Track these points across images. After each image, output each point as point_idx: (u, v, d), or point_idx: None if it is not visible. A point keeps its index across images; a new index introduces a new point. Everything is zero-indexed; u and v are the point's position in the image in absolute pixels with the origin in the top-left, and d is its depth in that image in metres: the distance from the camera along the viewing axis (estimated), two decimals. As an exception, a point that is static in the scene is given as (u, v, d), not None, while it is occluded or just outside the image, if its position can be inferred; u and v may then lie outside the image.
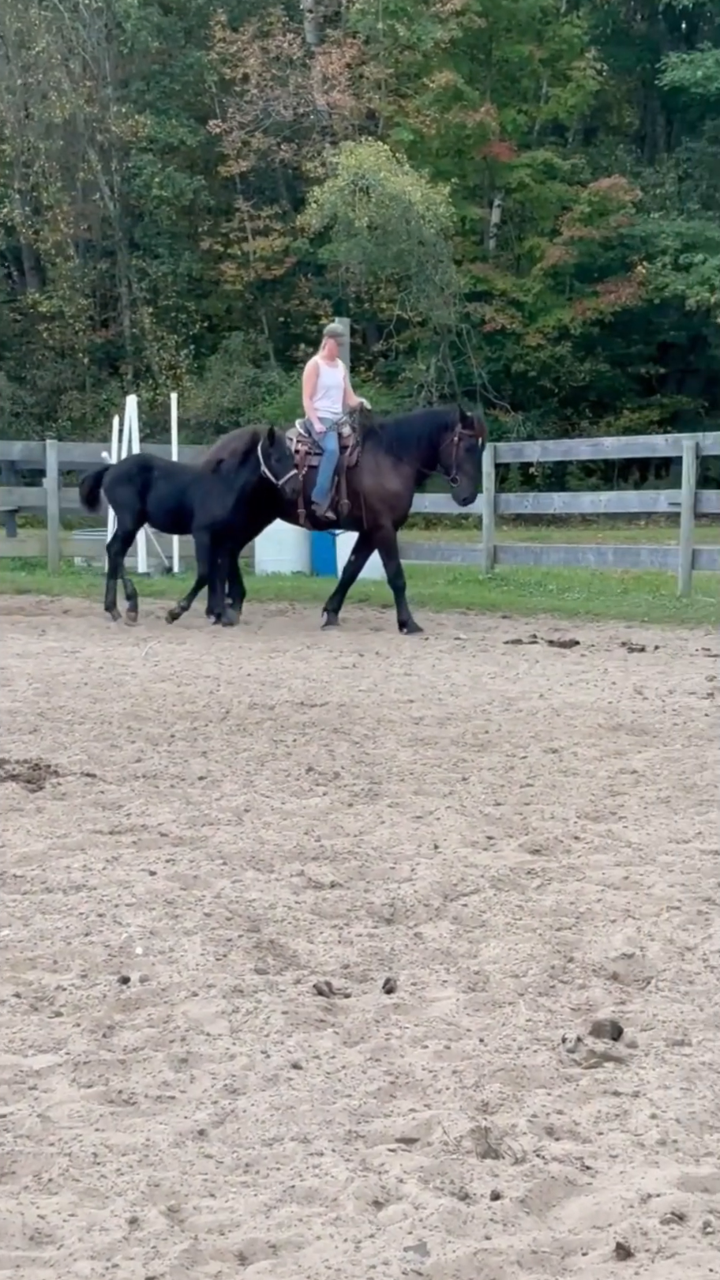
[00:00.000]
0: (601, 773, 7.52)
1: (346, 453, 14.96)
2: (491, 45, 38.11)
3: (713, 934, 4.78)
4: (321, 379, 15.43)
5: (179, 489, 14.82)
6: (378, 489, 14.84)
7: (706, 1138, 3.30)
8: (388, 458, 14.84)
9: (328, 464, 14.89)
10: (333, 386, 15.45)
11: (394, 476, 14.81)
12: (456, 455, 14.56)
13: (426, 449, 14.73)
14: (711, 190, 38.67)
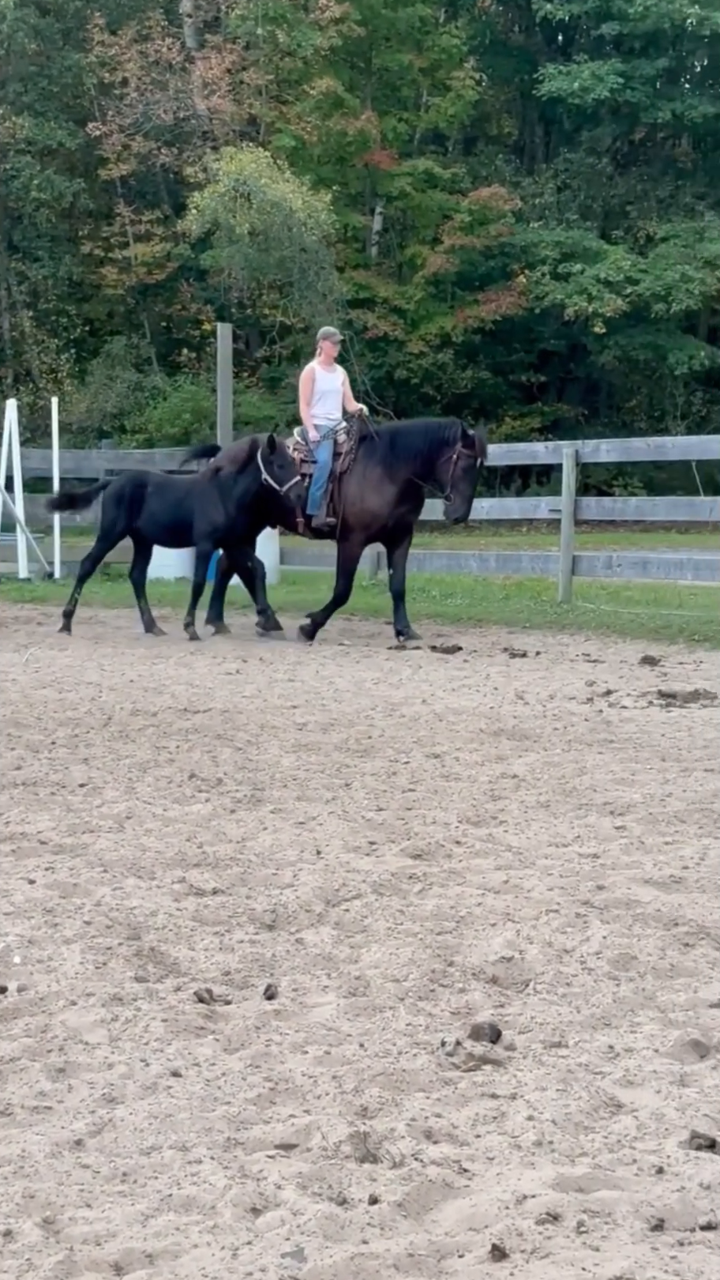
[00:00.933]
0: (483, 777, 7.56)
1: (340, 460, 14.61)
2: (371, 53, 38.26)
3: (590, 937, 4.83)
4: (318, 384, 15.06)
5: (174, 503, 14.56)
6: (356, 501, 14.52)
7: (582, 1138, 3.33)
8: (376, 469, 14.45)
9: (319, 474, 14.56)
10: (330, 391, 15.08)
11: (375, 494, 14.44)
12: (453, 474, 14.11)
13: (421, 463, 14.27)
14: (589, 201, 39.10)
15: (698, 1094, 3.57)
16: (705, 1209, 2.94)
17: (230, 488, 14.31)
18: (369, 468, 14.42)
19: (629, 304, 35.45)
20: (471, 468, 14.15)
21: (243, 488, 14.27)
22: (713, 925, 4.96)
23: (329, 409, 15.00)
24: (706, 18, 34.44)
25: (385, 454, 14.36)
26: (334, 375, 15.17)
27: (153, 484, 14.90)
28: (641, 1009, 4.23)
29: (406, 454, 14.26)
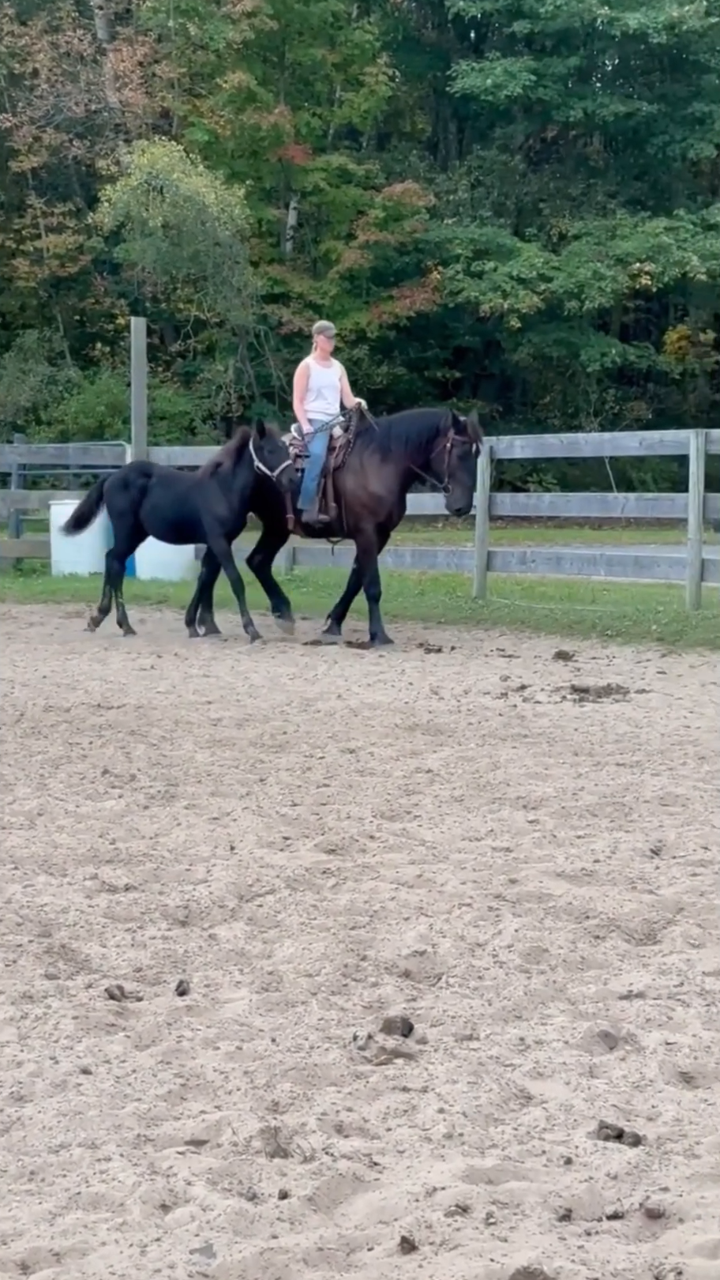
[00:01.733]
0: (397, 772, 7.58)
1: (333, 455, 14.24)
2: (284, 48, 38.19)
3: (502, 930, 4.85)
4: (313, 379, 14.71)
5: (176, 497, 14.29)
6: (358, 491, 14.12)
7: (491, 1130, 3.35)
8: (374, 458, 14.06)
9: (312, 468, 14.17)
10: (326, 386, 14.70)
11: (376, 479, 14.04)
12: (449, 463, 13.63)
13: (416, 452, 13.88)
14: (502, 198, 39.25)
15: (606, 1085, 3.60)
16: (612, 1199, 2.97)
17: (231, 482, 14.05)
18: (366, 457, 14.07)
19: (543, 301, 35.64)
20: (468, 455, 13.72)
21: (242, 480, 13.99)
22: (623, 918, 5.00)
23: (326, 404, 14.65)
24: (616, 18, 34.67)
25: (382, 443, 14.02)
26: (330, 370, 14.82)
27: (157, 475, 14.64)
28: (552, 1001, 4.25)
29: (401, 443, 13.93)
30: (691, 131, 36.78)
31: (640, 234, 35.67)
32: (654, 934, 4.92)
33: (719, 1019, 4.08)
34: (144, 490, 14.33)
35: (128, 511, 14.43)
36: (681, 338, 41.84)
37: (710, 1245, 2.71)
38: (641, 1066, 3.71)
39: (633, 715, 9.62)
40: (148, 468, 15.09)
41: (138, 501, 14.34)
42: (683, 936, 4.83)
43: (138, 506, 14.35)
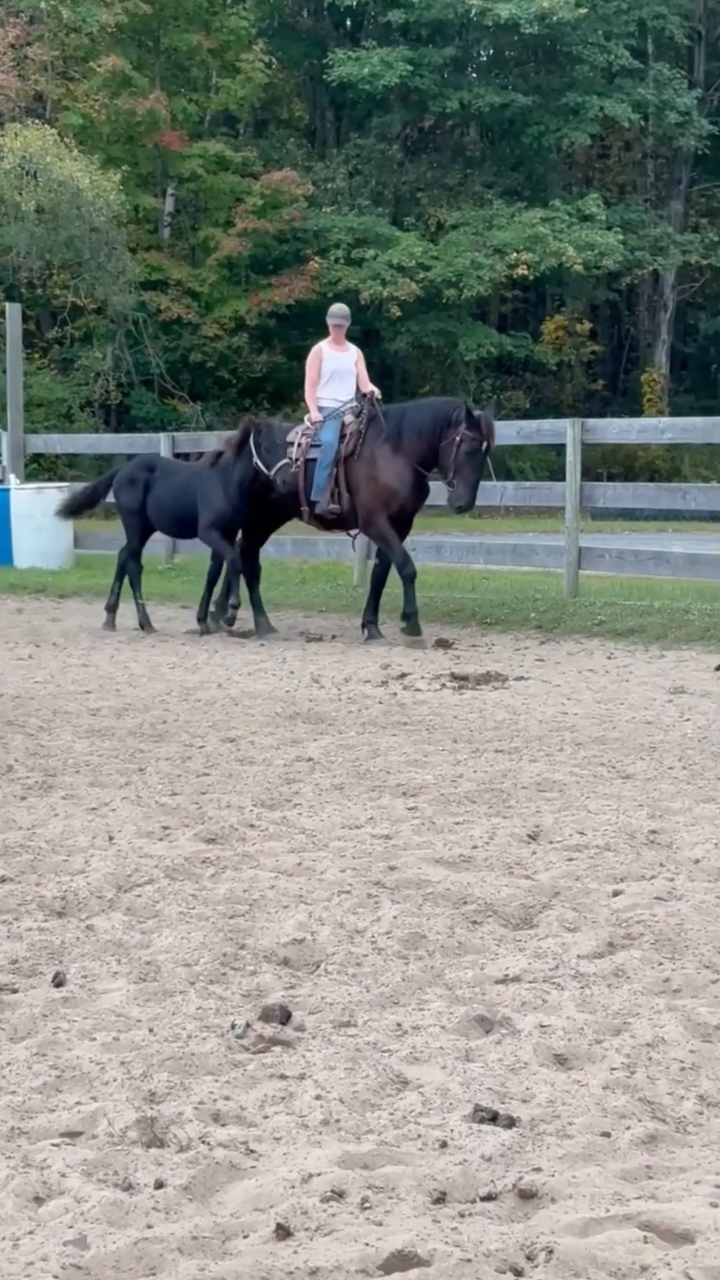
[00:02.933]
0: (278, 761, 7.59)
1: (344, 443, 13.54)
2: (159, 32, 37.89)
3: (381, 917, 4.88)
4: (326, 364, 14.01)
5: (176, 489, 13.88)
6: (369, 482, 13.44)
7: (368, 1115, 3.37)
8: (384, 447, 13.37)
9: (324, 456, 13.52)
10: (341, 371, 13.99)
11: (388, 468, 13.34)
12: (456, 458, 12.95)
13: (424, 445, 13.20)
14: (380, 187, 39.32)
15: (482, 1069, 3.64)
16: (486, 1180, 3.00)
17: (229, 474, 13.60)
18: (378, 447, 13.40)
19: (422, 289, 35.77)
20: (476, 452, 13.02)
21: (240, 473, 13.53)
22: (500, 903, 5.05)
23: (338, 390, 13.95)
24: (488, 8, 34.83)
25: (393, 433, 13.37)
26: (345, 355, 14.17)
27: (160, 469, 14.30)
28: (430, 987, 4.28)
29: (410, 434, 13.29)
30: (566, 122, 37.08)
31: (517, 224, 35.91)
32: (530, 918, 4.97)
33: (593, 1001, 4.14)
34: (149, 485, 14.01)
35: (136, 509, 14.07)
36: (558, 328, 42.21)
37: (581, 1223, 2.75)
38: (517, 1049, 3.75)
39: (511, 702, 9.71)
40: (153, 462, 14.62)
41: (144, 497, 14.00)
42: (558, 920, 4.89)
43: (144, 502, 14.01)
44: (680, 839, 5.94)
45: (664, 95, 37.41)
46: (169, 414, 35.76)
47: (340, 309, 14.61)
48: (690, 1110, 3.39)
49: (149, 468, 14.32)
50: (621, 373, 44.87)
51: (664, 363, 41.29)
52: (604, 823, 6.20)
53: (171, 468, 14.48)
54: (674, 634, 12.91)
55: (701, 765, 7.49)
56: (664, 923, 4.80)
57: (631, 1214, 2.78)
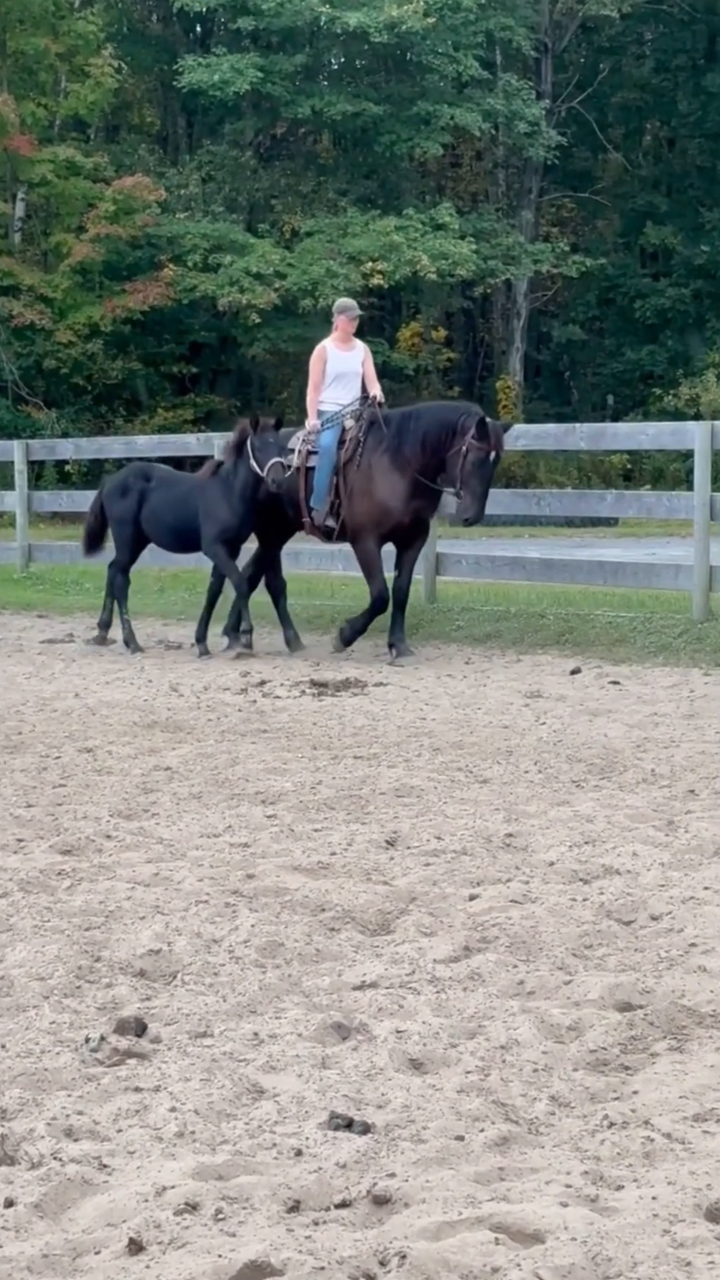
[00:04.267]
0: (135, 770, 7.54)
1: (344, 449, 12.62)
2: (5, 35, 37.44)
3: (239, 925, 4.87)
4: (330, 365, 12.92)
5: (176, 501, 13.01)
6: (362, 496, 12.48)
7: (223, 1126, 3.36)
8: (383, 458, 12.40)
9: (322, 464, 12.59)
10: (346, 373, 12.93)
11: (383, 483, 12.37)
12: (462, 468, 11.99)
13: (428, 454, 12.24)
14: (234, 194, 39.21)
15: (338, 1075, 3.64)
16: (340, 1187, 3.00)
17: (231, 482, 12.70)
18: (376, 457, 12.44)
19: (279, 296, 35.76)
20: (484, 462, 12.05)
21: (242, 480, 12.62)
22: (358, 909, 5.07)
23: (341, 393, 12.92)
24: (337, 16, 34.89)
25: (393, 442, 12.41)
26: (352, 354, 13.10)
27: (157, 478, 13.39)
28: (287, 995, 4.28)
29: (414, 444, 12.30)
30: (418, 131, 37.27)
31: (371, 232, 36.03)
32: (387, 924, 4.99)
33: (448, 1005, 4.16)
34: (143, 495, 13.19)
35: (127, 519, 13.27)
36: (414, 335, 42.44)
37: (434, 1227, 2.77)
38: (373, 1055, 3.76)
39: (370, 708, 9.75)
40: (148, 470, 13.71)
41: (137, 507, 13.20)
42: (415, 926, 4.92)
43: (138, 513, 13.20)
44: (535, 842, 6.00)
45: (513, 106, 37.76)
46: (23, 421, 35.34)
47: (350, 303, 13.59)
48: (542, 1111, 3.43)
49: (144, 477, 13.45)
50: (477, 380, 45.23)
51: (518, 370, 41.69)
52: (461, 827, 6.25)
53: (171, 478, 13.57)
54: (530, 639, 13.05)
55: (557, 769, 7.57)
56: (519, 925, 4.84)
57: (484, 1216, 2.80)
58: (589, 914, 5.01)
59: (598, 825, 6.26)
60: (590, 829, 6.19)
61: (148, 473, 13.57)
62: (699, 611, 12.62)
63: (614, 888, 5.31)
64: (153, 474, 13.51)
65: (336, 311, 13.35)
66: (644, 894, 5.22)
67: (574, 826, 6.24)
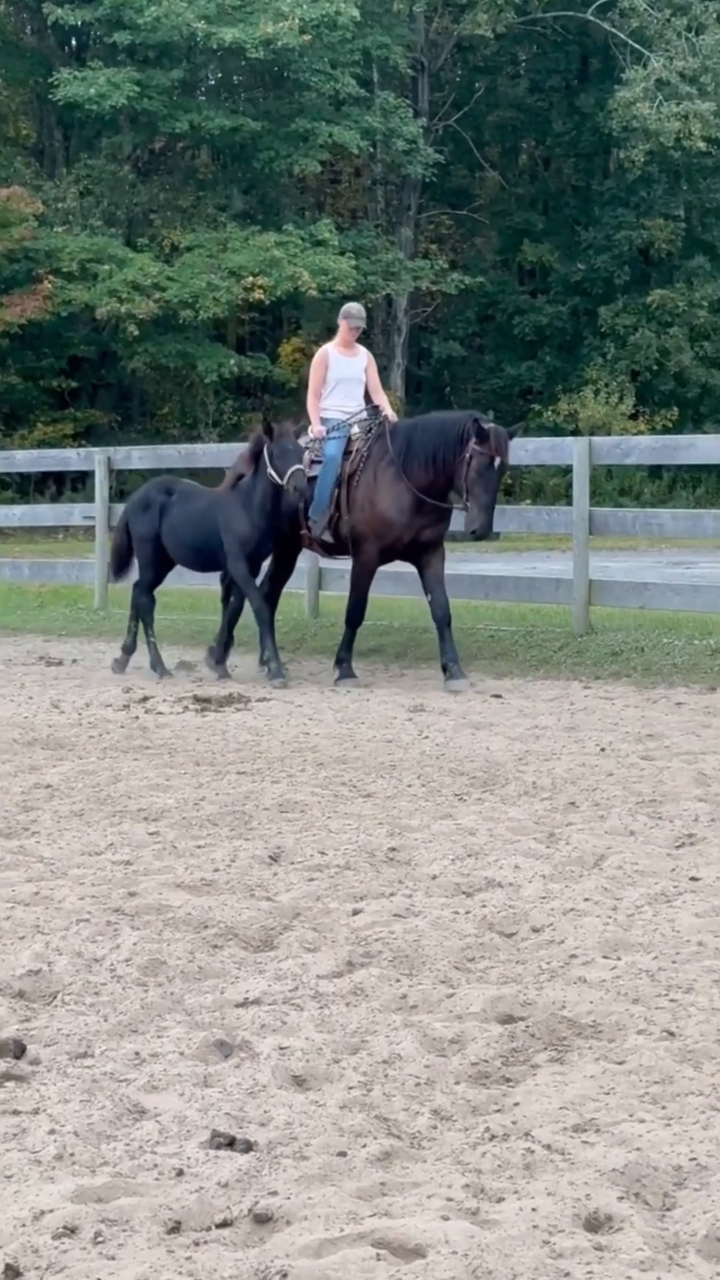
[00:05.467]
0: (15, 788, 7.46)
1: (350, 459, 12.08)
2: None
3: (121, 944, 4.83)
4: (333, 370, 12.42)
5: (195, 516, 12.33)
6: (365, 507, 11.90)
7: (103, 1147, 3.32)
8: (387, 471, 11.84)
9: (325, 474, 12.00)
10: (349, 379, 12.45)
11: (387, 495, 11.78)
12: (466, 477, 11.41)
13: (432, 470, 11.64)
14: (113, 208, 39.01)
15: (220, 1094, 3.62)
16: (222, 1206, 2.99)
17: (252, 494, 12.03)
18: (381, 468, 11.88)
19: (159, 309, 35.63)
20: (488, 469, 11.46)
21: (261, 492, 11.96)
22: (241, 926, 5.05)
23: (344, 400, 12.43)
24: (213, 32, 34.86)
25: (398, 455, 11.82)
26: (354, 360, 12.59)
27: (178, 492, 12.68)
28: (169, 1013, 4.26)
29: (418, 459, 11.73)
30: (296, 148, 37.34)
31: (251, 247, 36.02)
32: (271, 940, 4.98)
33: (331, 1021, 4.16)
34: (164, 510, 12.50)
35: (148, 536, 12.56)
36: (296, 350, 42.51)
37: (315, 1245, 2.76)
38: (255, 1073, 3.75)
39: (254, 724, 9.72)
40: (170, 485, 12.97)
41: (158, 524, 12.49)
42: (298, 941, 4.91)
43: (158, 529, 12.49)
44: (418, 856, 6.03)
45: (391, 124, 37.98)
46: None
47: (356, 308, 12.98)
48: (425, 1125, 3.44)
49: (166, 491, 12.73)
50: (360, 395, 45.48)
51: (399, 385, 41.85)
52: (344, 842, 6.25)
53: (191, 492, 12.80)
54: (413, 653, 13.10)
55: (440, 782, 7.61)
56: (402, 940, 4.86)
57: (365, 1232, 2.80)
58: (471, 927, 5.03)
59: (480, 838, 6.29)
60: (472, 842, 6.22)
61: (169, 487, 12.91)
62: (579, 625, 12.75)
63: (496, 900, 5.34)
64: (175, 488, 12.86)
65: (341, 317, 12.81)
66: (525, 906, 5.26)
67: (456, 840, 6.27)
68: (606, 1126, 3.39)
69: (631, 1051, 3.87)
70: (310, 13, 34.40)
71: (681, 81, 36.14)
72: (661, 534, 16.40)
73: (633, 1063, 3.79)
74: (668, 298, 39.56)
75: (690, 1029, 4.03)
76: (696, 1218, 2.91)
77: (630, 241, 40.29)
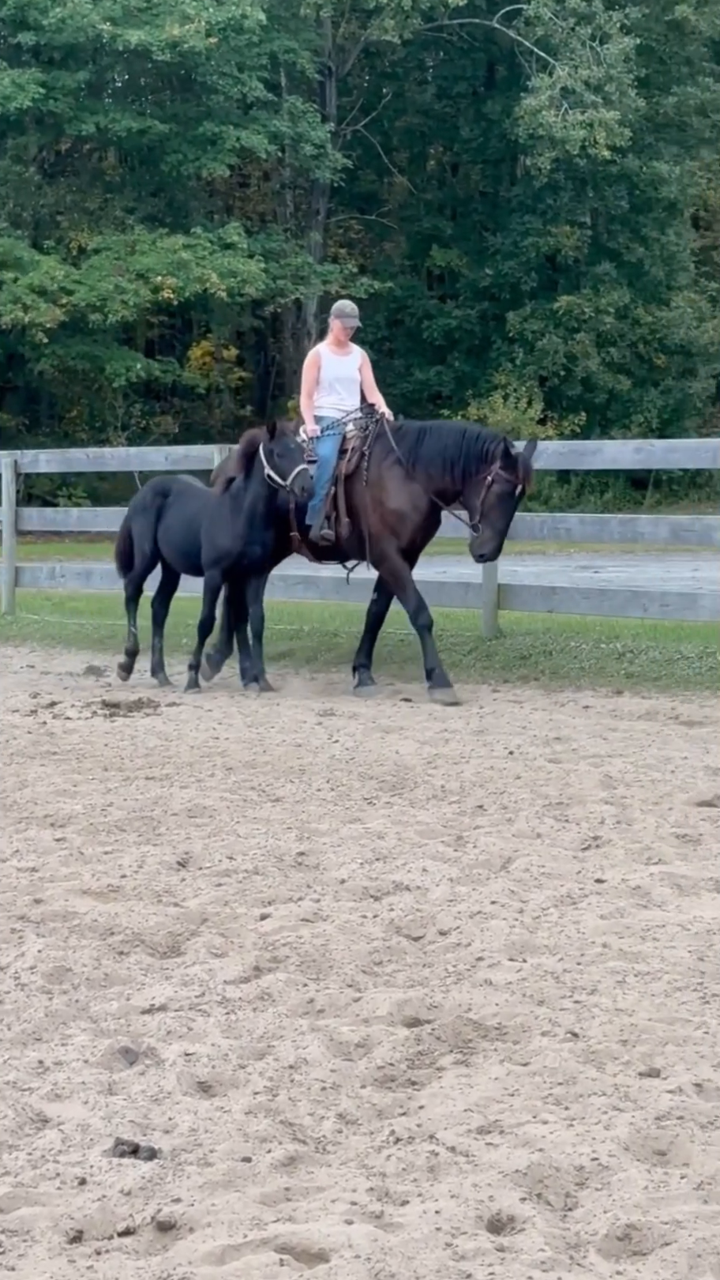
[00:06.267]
0: None
1: (345, 460, 11.68)
2: None
3: (25, 951, 4.79)
4: (325, 370, 12.03)
5: (186, 519, 11.86)
6: (377, 507, 11.49)
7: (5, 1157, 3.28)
8: (395, 470, 11.46)
9: (320, 474, 11.53)
10: (342, 379, 12.03)
11: (399, 492, 11.45)
12: (485, 499, 11.06)
13: (448, 476, 11.28)
14: (19, 210, 38.72)
15: (125, 1101, 3.61)
16: (124, 1215, 2.97)
17: (241, 499, 11.53)
18: (387, 468, 11.50)
19: (65, 314, 35.40)
20: (509, 495, 11.17)
21: (253, 496, 11.48)
22: (147, 932, 5.03)
23: (339, 400, 12.00)
24: (119, 34, 34.70)
25: (407, 456, 11.44)
26: (348, 359, 12.17)
27: (174, 492, 12.17)
28: (74, 1020, 4.23)
29: (433, 462, 11.35)
30: (204, 151, 37.25)
31: (160, 250, 35.89)
32: (178, 946, 4.96)
33: (238, 1026, 4.15)
34: (160, 512, 12.12)
35: (145, 535, 12.17)
36: (205, 353, 42.42)
37: (218, 1251, 2.76)
38: (160, 1079, 3.73)
39: (163, 729, 9.68)
40: (166, 486, 12.39)
41: (154, 525, 12.10)
42: (205, 947, 4.90)
43: (155, 530, 12.09)
44: (327, 860, 6.03)
45: (299, 128, 37.99)
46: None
47: (349, 306, 12.52)
48: (330, 1129, 3.44)
49: (162, 493, 12.25)
50: (269, 399, 45.38)
51: (310, 389, 42.06)
52: (253, 846, 6.24)
53: (186, 492, 12.22)
54: (323, 657, 13.10)
55: (349, 786, 7.61)
56: (309, 944, 4.86)
57: (269, 1238, 2.80)
58: (379, 931, 5.05)
59: (388, 842, 6.30)
60: (381, 846, 6.23)
61: (166, 487, 12.38)
62: (487, 629, 12.80)
63: (403, 904, 5.35)
64: (171, 488, 12.32)
65: (333, 315, 12.42)
66: (433, 909, 5.28)
67: (365, 843, 6.27)
68: (510, 1128, 3.41)
69: (536, 1053, 3.90)
70: (216, 15, 34.33)
71: (587, 90, 36.42)
72: (569, 538, 16.49)
73: (537, 1064, 3.81)
74: (575, 304, 39.88)
75: (594, 1030, 4.06)
76: (597, 1217, 2.93)
77: (537, 248, 40.58)
